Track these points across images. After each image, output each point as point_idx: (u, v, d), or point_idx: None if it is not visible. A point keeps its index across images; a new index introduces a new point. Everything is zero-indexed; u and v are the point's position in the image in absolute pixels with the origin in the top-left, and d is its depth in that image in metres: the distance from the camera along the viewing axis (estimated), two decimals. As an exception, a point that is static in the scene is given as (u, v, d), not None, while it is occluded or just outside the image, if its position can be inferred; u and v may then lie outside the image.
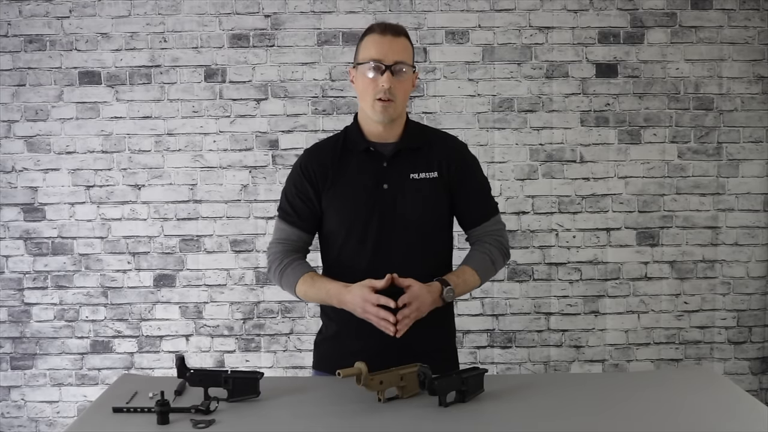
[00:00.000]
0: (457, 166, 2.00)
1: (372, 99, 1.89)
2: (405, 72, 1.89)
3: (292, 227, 2.01)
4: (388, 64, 1.87)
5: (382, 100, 1.88)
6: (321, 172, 1.98)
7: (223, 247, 3.46)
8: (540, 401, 1.75)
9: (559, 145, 3.43)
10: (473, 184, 2.05)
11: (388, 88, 1.87)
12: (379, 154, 1.96)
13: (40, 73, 3.41)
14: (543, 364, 3.50)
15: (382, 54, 1.87)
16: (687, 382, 1.90)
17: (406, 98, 1.94)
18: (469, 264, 2.00)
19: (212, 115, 3.42)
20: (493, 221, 2.07)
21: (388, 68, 1.87)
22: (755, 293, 3.49)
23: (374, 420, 1.63)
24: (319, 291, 1.93)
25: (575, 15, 3.40)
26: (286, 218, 2.02)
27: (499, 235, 2.06)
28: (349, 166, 1.97)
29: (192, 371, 1.73)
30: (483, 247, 2.03)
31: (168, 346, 3.49)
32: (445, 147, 2.03)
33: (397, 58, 1.88)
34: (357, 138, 1.98)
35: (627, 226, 3.46)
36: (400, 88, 1.90)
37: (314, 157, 2.02)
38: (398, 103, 1.90)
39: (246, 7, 3.39)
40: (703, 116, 3.44)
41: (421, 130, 2.05)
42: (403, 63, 1.88)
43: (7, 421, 3.51)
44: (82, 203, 3.45)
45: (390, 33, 1.90)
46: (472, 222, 2.06)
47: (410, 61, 1.92)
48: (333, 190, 1.97)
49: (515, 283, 3.48)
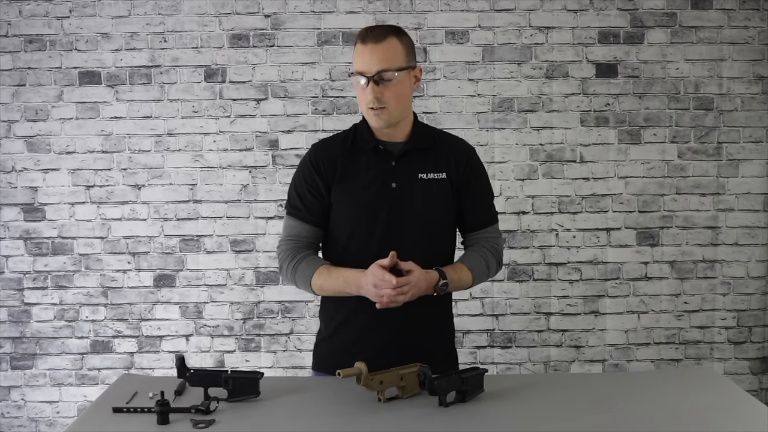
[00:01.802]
0: (465, 170, 2.01)
1: (365, 108, 1.90)
2: (392, 79, 1.86)
3: (303, 223, 1.99)
4: (371, 75, 1.85)
5: (373, 109, 1.88)
6: (330, 166, 1.97)
7: (223, 247, 3.46)
8: (540, 401, 1.75)
9: (559, 145, 3.43)
10: (480, 190, 2.05)
11: (375, 98, 1.86)
12: (387, 153, 1.97)
13: (40, 73, 3.41)
14: (543, 364, 3.50)
15: (365, 66, 1.86)
16: (687, 382, 1.90)
17: (400, 101, 1.91)
18: (466, 263, 2.00)
19: (212, 115, 3.42)
20: (492, 229, 2.07)
21: (371, 79, 1.85)
22: (755, 293, 3.49)
23: (374, 420, 1.63)
24: (336, 280, 1.90)
25: (575, 15, 3.40)
26: (296, 214, 2.00)
27: (496, 243, 2.07)
28: (358, 163, 1.97)
29: (192, 371, 1.73)
30: (481, 251, 2.03)
31: (168, 346, 3.49)
32: (455, 149, 2.03)
33: (380, 67, 1.84)
34: (366, 136, 1.98)
35: (627, 226, 3.46)
36: (390, 94, 1.87)
37: (323, 152, 2.01)
38: (392, 108, 1.89)
39: (246, 7, 3.39)
40: (703, 116, 3.44)
41: (429, 131, 2.05)
42: (386, 70, 1.85)
43: (7, 421, 3.51)
44: (82, 203, 3.45)
45: (371, 41, 1.86)
46: (473, 227, 2.06)
47: (398, 63, 1.87)
48: (342, 185, 1.96)
49: (515, 283, 3.48)
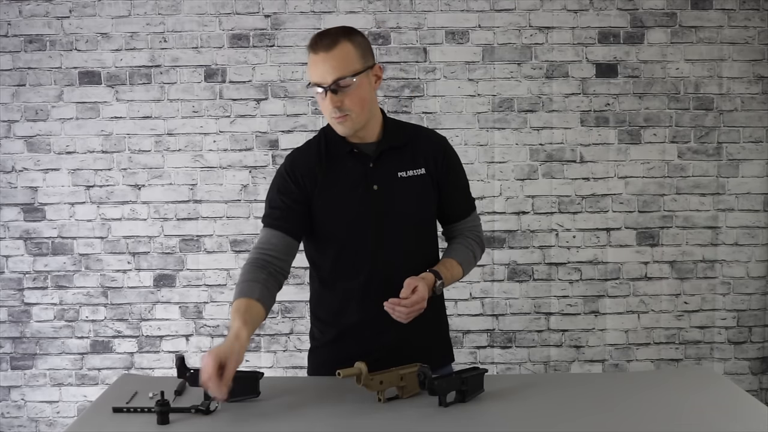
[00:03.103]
0: (443, 162, 1.99)
1: (329, 117, 1.85)
2: (350, 85, 1.78)
3: (276, 230, 1.88)
4: (326, 85, 1.78)
5: (336, 118, 1.83)
6: (309, 176, 1.91)
7: (223, 247, 3.46)
8: (540, 401, 1.75)
9: (559, 145, 3.43)
10: (458, 180, 2.05)
11: (335, 107, 1.80)
12: (363, 155, 1.92)
13: (40, 73, 3.41)
14: (543, 364, 3.50)
15: (319, 77, 1.79)
16: (687, 382, 1.90)
17: (364, 104, 1.84)
18: (455, 257, 2.00)
19: (212, 115, 3.42)
20: (472, 217, 2.08)
21: (328, 89, 1.78)
22: (755, 293, 3.49)
23: (374, 420, 1.63)
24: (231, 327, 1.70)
25: (575, 15, 3.40)
26: (269, 223, 1.90)
27: (478, 231, 2.09)
28: (336, 170, 1.92)
29: (192, 371, 1.73)
30: (466, 242, 2.04)
31: (168, 346, 3.49)
32: (430, 143, 2.00)
33: (335, 76, 1.77)
34: (338, 141, 1.92)
35: (627, 226, 3.46)
36: (351, 100, 1.81)
37: (299, 161, 1.95)
38: (355, 114, 1.83)
39: (246, 7, 3.39)
40: (703, 116, 3.44)
41: (400, 128, 2.00)
42: (343, 77, 1.77)
43: (7, 421, 3.51)
44: (82, 203, 3.45)
45: (322, 49, 1.78)
46: (455, 217, 2.06)
47: (354, 68, 1.79)
48: (324, 194, 1.91)
49: (515, 283, 3.48)
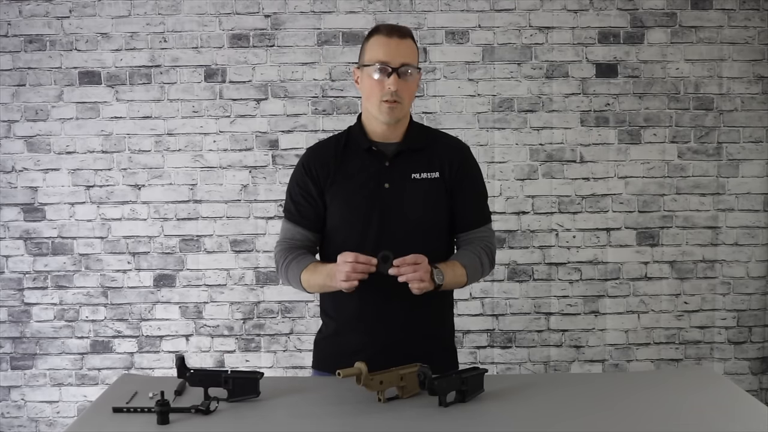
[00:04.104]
0: (459, 168, 2.00)
1: (378, 101, 1.90)
2: (411, 74, 1.90)
3: (297, 226, 2.02)
4: (395, 66, 1.87)
5: (389, 102, 1.89)
6: (323, 170, 1.98)
7: (223, 247, 3.46)
8: (540, 401, 1.75)
9: (559, 145, 3.43)
10: (473, 188, 2.04)
11: (395, 90, 1.87)
12: (381, 154, 1.97)
13: (40, 73, 3.41)
14: (543, 364, 3.50)
15: (389, 56, 1.88)
16: (687, 382, 1.90)
17: (411, 99, 1.96)
18: (459, 260, 1.97)
19: (212, 115, 3.42)
20: (485, 228, 2.05)
21: (394, 71, 1.87)
22: (755, 293, 3.49)
23: (374, 420, 1.63)
24: (320, 275, 1.90)
25: (575, 15, 3.40)
26: (290, 218, 2.03)
27: (489, 242, 2.04)
28: (351, 165, 1.98)
29: (192, 371, 1.73)
30: (474, 249, 2.00)
31: (168, 346, 3.49)
32: (448, 148, 2.03)
33: (404, 60, 1.88)
34: (360, 137, 1.99)
35: (627, 226, 3.46)
36: (407, 89, 1.90)
37: (316, 155, 2.03)
38: (404, 104, 1.92)
39: (246, 7, 3.39)
40: (703, 116, 3.44)
41: (423, 131, 2.05)
42: (409, 65, 1.89)
43: (7, 421, 3.51)
44: (82, 203, 3.45)
45: (396, 35, 1.90)
46: (466, 226, 2.03)
47: (416, 62, 1.93)
48: (335, 187, 1.97)
49: (515, 283, 3.48)
